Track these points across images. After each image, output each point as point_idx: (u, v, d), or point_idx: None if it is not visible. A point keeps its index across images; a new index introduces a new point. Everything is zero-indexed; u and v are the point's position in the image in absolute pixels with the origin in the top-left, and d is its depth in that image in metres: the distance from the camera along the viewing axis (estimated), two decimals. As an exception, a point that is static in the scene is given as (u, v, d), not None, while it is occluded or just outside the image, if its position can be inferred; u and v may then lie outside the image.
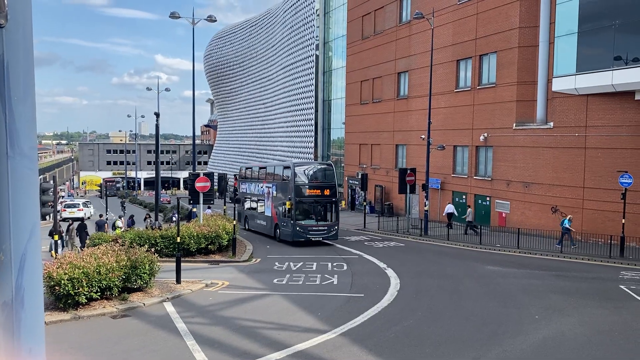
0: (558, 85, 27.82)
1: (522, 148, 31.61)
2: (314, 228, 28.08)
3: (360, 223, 36.44)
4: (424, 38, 38.66)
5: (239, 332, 13.46)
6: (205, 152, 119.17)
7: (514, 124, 31.92)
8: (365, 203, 40.32)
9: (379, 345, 12.60)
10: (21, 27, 2.59)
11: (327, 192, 28.75)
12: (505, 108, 32.47)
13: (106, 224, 29.60)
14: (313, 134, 58.87)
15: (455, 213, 33.22)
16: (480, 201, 35.05)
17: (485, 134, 33.80)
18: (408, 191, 32.92)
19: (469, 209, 32.97)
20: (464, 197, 36.32)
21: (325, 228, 28.23)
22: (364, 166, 47.62)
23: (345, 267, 21.94)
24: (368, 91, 47.61)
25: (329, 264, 22.64)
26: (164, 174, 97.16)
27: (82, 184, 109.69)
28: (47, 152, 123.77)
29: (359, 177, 40.68)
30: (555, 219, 29.34)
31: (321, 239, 28.14)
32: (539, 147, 30.63)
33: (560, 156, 29.60)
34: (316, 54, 58.96)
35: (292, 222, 27.87)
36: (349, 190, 50.01)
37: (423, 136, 34.36)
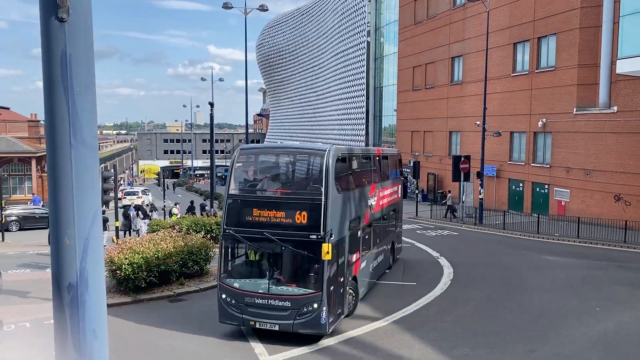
0: (623, 67, 26.40)
1: (583, 134, 30.27)
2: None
3: (412, 211, 36.05)
4: (479, 21, 37.54)
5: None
6: (257, 141, 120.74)
7: (575, 109, 30.59)
8: (417, 191, 39.83)
9: (431, 334, 12.49)
10: (82, 22, 2.70)
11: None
12: (565, 92, 31.15)
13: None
14: (364, 121, 58.53)
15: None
16: (538, 189, 33.90)
17: (544, 120, 32.59)
18: (462, 179, 32.24)
19: (449, 194, 36.03)
20: (520, 185, 35.24)
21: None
22: (416, 154, 46.97)
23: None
24: (420, 77, 46.79)
25: (381, 252, 22.58)
26: (218, 162, 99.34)
27: (141, 172, 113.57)
28: (107, 142, 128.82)
29: (411, 164, 40.19)
30: (619, 208, 28.02)
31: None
32: (601, 133, 29.25)
33: (624, 142, 28.16)
34: (367, 41, 58.38)
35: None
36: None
37: (478, 122, 33.49)
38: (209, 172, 71.49)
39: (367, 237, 15.32)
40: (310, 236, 11.50)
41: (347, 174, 13.71)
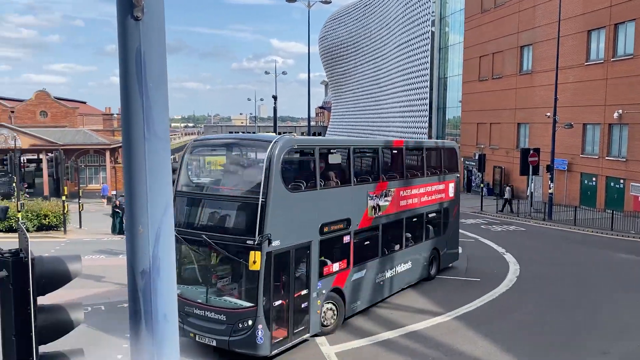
0: None
1: (664, 125, 28.38)
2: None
3: (477, 205, 35.16)
4: (550, 8, 35.89)
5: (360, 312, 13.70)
6: (319, 134, 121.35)
7: (655, 99, 28.71)
8: (482, 185, 38.78)
9: (495, 332, 12.18)
10: (155, 20, 2.82)
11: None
12: (645, 81, 29.28)
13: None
14: (427, 113, 57.53)
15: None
16: (612, 184, 32.15)
17: (620, 111, 30.79)
18: (530, 172, 31.06)
19: (508, 187, 34.83)
20: (593, 179, 33.55)
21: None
22: (482, 146, 45.69)
23: (460, 251, 21.38)
24: (487, 67, 45.39)
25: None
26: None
27: (207, 164, 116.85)
28: (176, 134, 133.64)
29: (476, 157, 39.13)
30: None
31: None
32: (685, 124, 27.30)
33: None
34: (432, 30, 57.21)
35: None
36: (465, 172, 48.41)
37: (548, 114, 32.11)
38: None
39: (367, 242, 13.37)
40: (247, 241, 9.99)
41: (312, 170, 11.63)
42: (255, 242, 9.91)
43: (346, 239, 12.45)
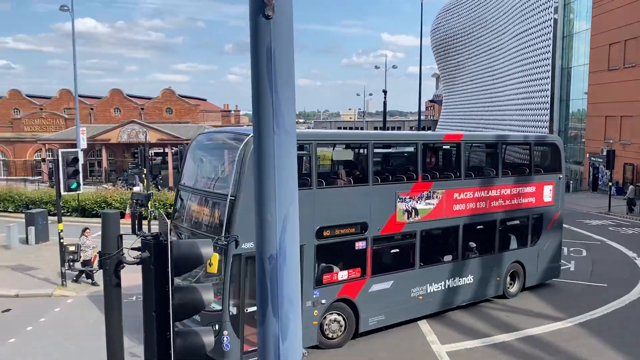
0: None
1: None
2: None
3: (604, 206, 32.49)
4: (695, -13, 32.11)
5: (464, 308, 13.34)
6: (429, 128, 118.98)
7: None
8: (610, 183, 35.76)
9: (623, 343, 11.24)
10: (285, 18, 2.95)
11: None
12: None
13: None
14: (548, 106, 54.08)
15: None
16: None
17: None
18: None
19: (631, 186, 32.48)
20: None
21: None
22: (611, 141, 42.09)
23: (584, 253, 19.90)
24: (618, 55, 41.67)
25: (565, 249, 20.78)
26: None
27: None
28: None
29: (604, 153, 36.11)
30: None
31: None
32: None
33: None
34: (554, 18, 53.62)
35: None
36: (591, 169, 44.90)
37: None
38: (381, 159, 72.16)
39: (397, 251, 12.12)
40: (218, 241, 9.27)
41: (306, 167, 10.82)
42: (221, 242, 9.22)
43: (360, 245, 11.16)
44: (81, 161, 14.22)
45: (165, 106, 52.06)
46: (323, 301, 10.65)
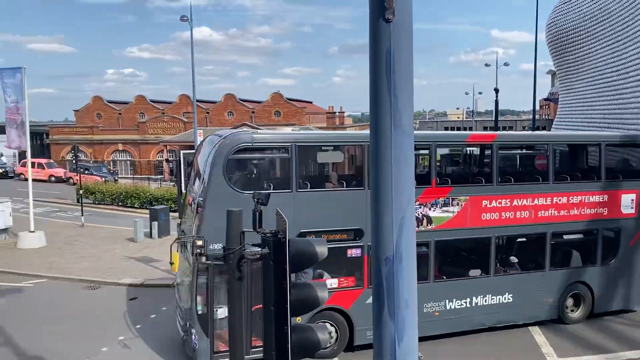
0: None
1: None
2: None
3: None
4: None
5: (591, 324, 12.46)
6: (544, 128, 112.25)
7: None
8: None
9: None
10: (405, 21, 2.96)
11: None
12: None
13: None
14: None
15: None
16: None
17: None
18: None
19: None
20: None
21: None
22: None
23: None
24: None
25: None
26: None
27: (422, 159, 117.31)
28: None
29: None
30: None
31: None
32: None
33: None
34: (691, 5, 48.32)
35: None
36: None
37: None
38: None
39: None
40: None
41: (287, 169, 10.49)
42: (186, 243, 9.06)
43: (354, 252, 10.51)
44: (199, 162, 15.17)
45: (274, 109, 53.99)
46: (318, 310, 9.92)
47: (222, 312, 9.39)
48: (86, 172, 38.14)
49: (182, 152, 14.94)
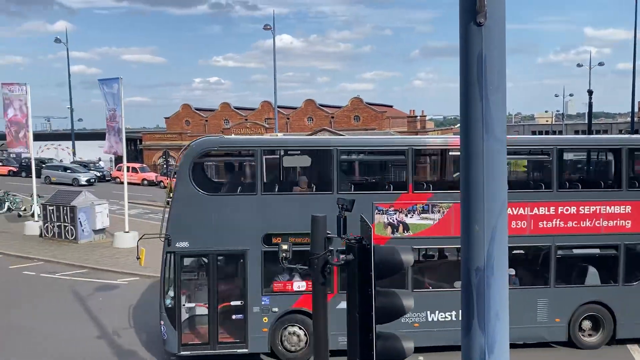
0: None
1: None
2: None
3: None
4: None
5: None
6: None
7: None
8: None
9: None
10: (497, 24, 2.87)
11: None
12: None
13: None
14: None
15: None
16: None
17: None
18: None
19: None
20: None
21: None
22: None
23: None
24: None
25: None
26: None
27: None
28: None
29: None
30: None
31: None
32: None
33: None
34: None
35: None
36: None
37: None
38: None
39: None
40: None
41: (253, 173, 10.78)
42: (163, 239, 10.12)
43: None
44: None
45: (354, 114, 54.15)
46: (275, 309, 10.44)
47: (189, 306, 10.54)
48: (175, 175, 39.98)
49: (264, 157, 15.27)
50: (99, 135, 31.79)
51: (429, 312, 10.74)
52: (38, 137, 42.91)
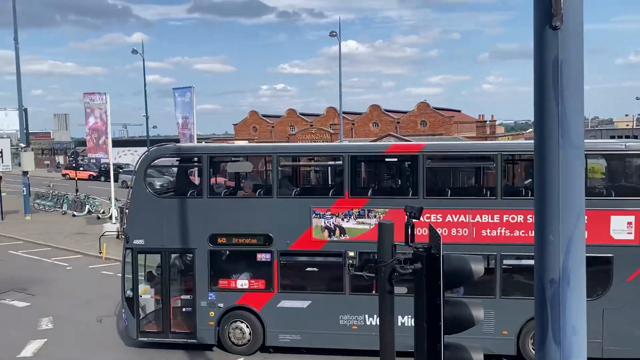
0: None
1: None
2: None
3: None
4: None
5: None
6: None
7: None
8: None
9: None
10: (574, 27, 2.76)
11: None
12: None
13: None
14: None
15: None
16: None
17: None
18: None
19: None
20: None
21: None
22: None
23: None
24: None
25: None
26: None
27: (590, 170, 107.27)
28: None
29: None
30: None
31: None
32: None
33: None
34: None
35: None
36: None
37: None
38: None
39: (316, 270, 11.23)
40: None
41: (200, 178, 11.76)
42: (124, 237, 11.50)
43: (263, 257, 11.04)
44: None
45: (420, 119, 53.44)
46: (220, 305, 11.16)
47: (145, 297, 11.66)
48: (243, 180, 41.05)
49: (330, 162, 15.41)
50: (172, 142, 33.08)
51: (366, 316, 10.77)
52: (116, 143, 45.22)
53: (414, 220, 3.96)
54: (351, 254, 9.38)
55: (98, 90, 33.69)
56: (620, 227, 10.09)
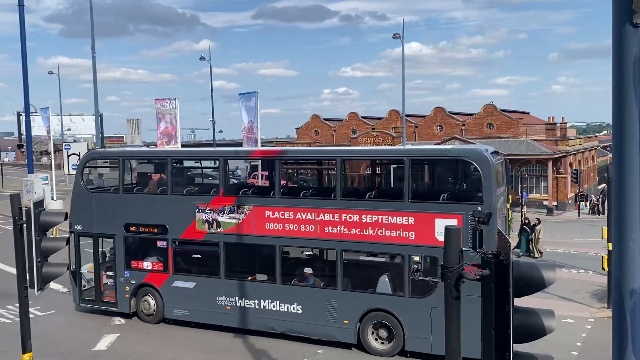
0: None
1: None
2: None
3: None
4: None
5: None
6: None
7: None
8: None
9: None
10: (658, 23, 2.63)
11: None
12: None
13: None
14: None
15: None
16: None
17: None
18: None
19: None
20: None
21: None
22: None
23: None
24: None
25: None
26: None
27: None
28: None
29: None
30: None
31: None
32: None
33: None
34: None
35: None
36: None
37: None
38: None
39: (199, 256, 13.47)
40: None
41: (118, 177, 13.85)
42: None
43: (161, 244, 13.27)
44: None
45: (486, 121, 52.01)
46: (133, 281, 13.50)
47: (84, 271, 14.06)
48: (304, 184, 41.51)
49: (392, 166, 15.33)
50: (237, 146, 33.90)
51: (237, 298, 12.50)
52: (184, 147, 46.91)
53: (482, 225, 3.86)
54: (416, 258, 9.55)
55: (168, 96, 35.06)
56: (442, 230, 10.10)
